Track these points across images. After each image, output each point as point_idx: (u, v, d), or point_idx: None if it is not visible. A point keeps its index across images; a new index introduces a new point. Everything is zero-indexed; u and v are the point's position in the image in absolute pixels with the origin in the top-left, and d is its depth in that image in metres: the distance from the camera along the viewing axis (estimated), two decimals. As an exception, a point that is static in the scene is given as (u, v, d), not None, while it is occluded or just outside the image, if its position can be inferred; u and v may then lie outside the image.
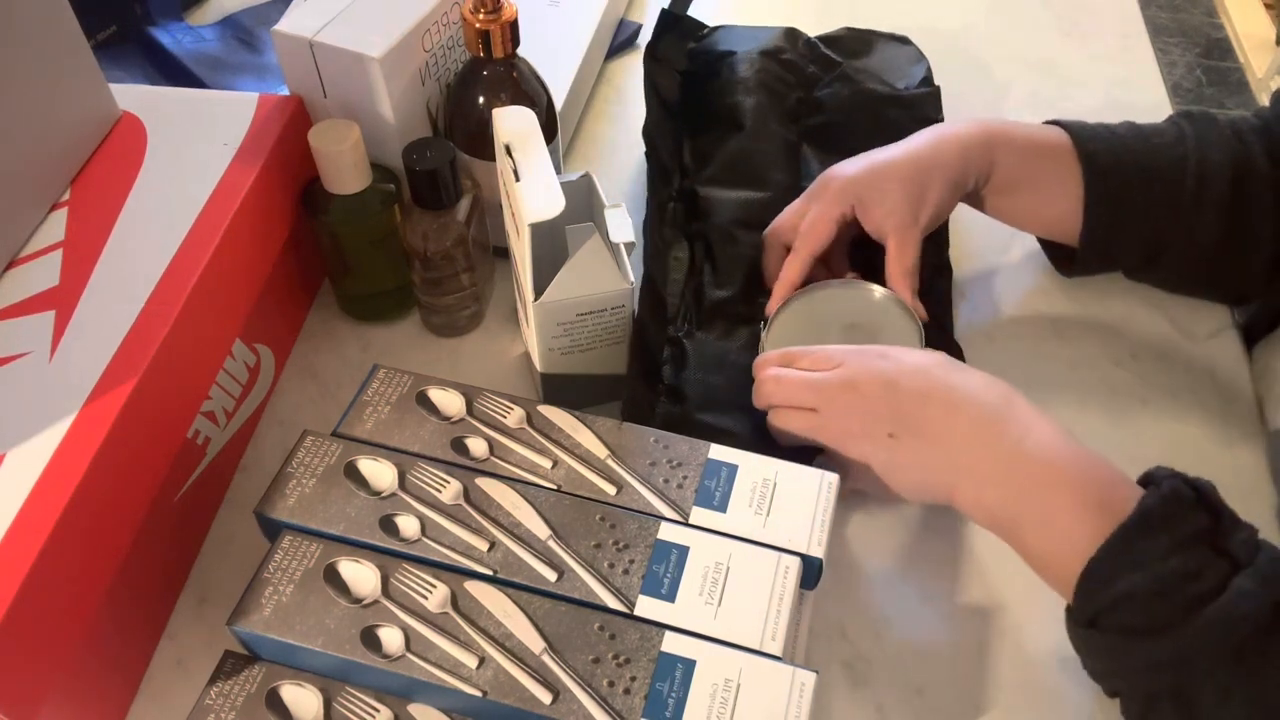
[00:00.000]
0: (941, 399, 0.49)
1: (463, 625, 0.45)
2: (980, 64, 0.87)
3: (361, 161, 0.58)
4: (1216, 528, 0.42)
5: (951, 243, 0.68)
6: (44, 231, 0.53)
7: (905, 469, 0.50)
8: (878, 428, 0.50)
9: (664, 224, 0.67)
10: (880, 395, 0.50)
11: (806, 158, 0.72)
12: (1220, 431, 0.61)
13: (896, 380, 0.50)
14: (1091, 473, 0.45)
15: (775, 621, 0.44)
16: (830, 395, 0.52)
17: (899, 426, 0.50)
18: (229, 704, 0.44)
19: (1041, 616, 0.53)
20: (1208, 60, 2.37)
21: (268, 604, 0.45)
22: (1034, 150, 0.60)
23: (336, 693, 0.44)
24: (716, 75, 0.74)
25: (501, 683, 0.43)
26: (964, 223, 0.71)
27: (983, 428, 0.48)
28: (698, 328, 0.63)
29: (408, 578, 0.46)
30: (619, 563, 0.46)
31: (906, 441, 0.49)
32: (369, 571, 0.46)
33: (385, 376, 0.54)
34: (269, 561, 0.46)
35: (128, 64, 0.82)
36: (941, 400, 0.49)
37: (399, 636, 0.44)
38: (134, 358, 0.47)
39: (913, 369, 0.50)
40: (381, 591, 0.45)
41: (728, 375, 0.60)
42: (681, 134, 0.73)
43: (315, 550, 0.47)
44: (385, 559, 0.46)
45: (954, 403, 0.49)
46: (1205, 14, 2.54)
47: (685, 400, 0.59)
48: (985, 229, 0.66)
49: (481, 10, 0.57)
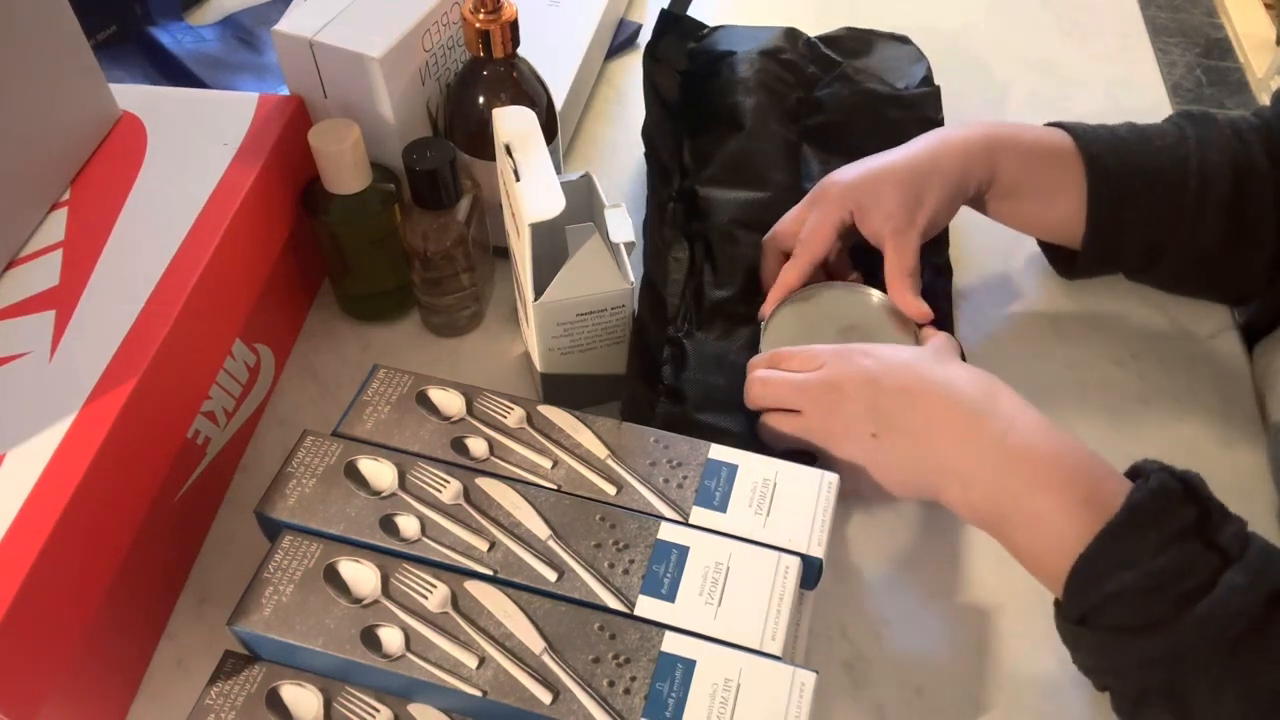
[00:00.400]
0: (923, 394, 0.49)
1: (463, 625, 0.45)
2: (980, 64, 0.87)
3: (361, 161, 0.58)
4: (1205, 521, 0.42)
5: (952, 243, 0.68)
6: (44, 231, 0.53)
7: (890, 468, 0.50)
8: (859, 427, 0.50)
9: (664, 224, 0.67)
10: (861, 394, 0.50)
11: (807, 158, 0.72)
12: (1220, 431, 0.61)
13: (878, 378, 0.50)
14: (1078, 467, 0.45)
15: (775, 621, 0.44)
16: (813, 396, 0.52)
17: (881, 425, 0.49)
18: (229, 704, 0.44)
19: (1041, 616, 0.53)
20: (1208, 60, 2.37)
21: (268, 604, 0.45)
22: (1037, 154, 0.60)
23: (336, 693, 0.44)
24: (716, 75, 0.74)
25: (501, 682, 0.43)
26: (964, 224, 0.71)
27: (965, 424, 0.47)
28: (697, 328, 0.63)
29: (408, 578, 0.46)
30: (619, 563, 0.46)
31: (889, 440, 0.49)
32: (369, 571, 0.46)
33: (385, 376, 0.54)
34: (269, 561, 0.46)
35: (128, 64, 0.82)
36: (923, 396, 0.49)
37: (399, 636, 0.44)
38: (134, 358, 0.47)
39: (895, 365, 0.50)
40: (381, 591, 0.45)
41: (727, 375, 0.60)
42: (681, 134, 0.73)
43: (315, 550, 0.47)
44: (385, 559, 0.46)
45: (936, 398, 0.48)
46: (1205, 14, 2.54)
47: (685, 400, 0.59)
48: (986, 230, 0.66)
49: (481, 10, 0.57)
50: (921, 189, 0.58)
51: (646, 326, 0.60)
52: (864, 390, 0.50)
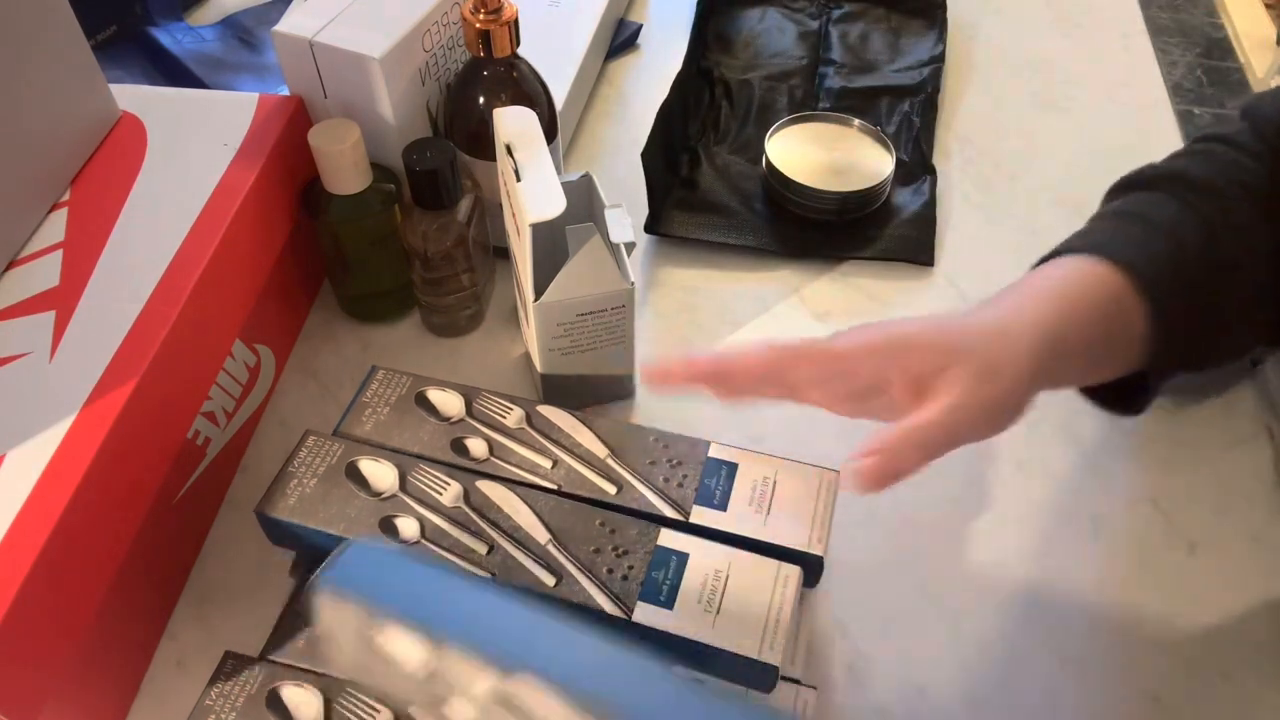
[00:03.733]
0: None
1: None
2: (980, 64, 0.87)
3: (361, 161, 0.58)
4: None
5: (953, 250, 0.68)
6: (44, 231, 0.53)
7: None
8: None
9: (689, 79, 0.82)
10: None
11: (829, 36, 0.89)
12: (1220, 432, 0.61)
13: None
14: None
15: (774, 631, 0.44)
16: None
17: None
18: (229, 704, 0.44)
19: (1042, 616, 0.53)
20: (1208, 60, 2.37)
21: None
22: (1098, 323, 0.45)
23: (336, 693, 0.44)
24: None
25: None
26: (964, 225, 0.71)
27: None
28: (712, 144, 0.79)
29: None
30: (618, 568, 0.46)
31: None
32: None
33: (384, 378, 0.54)
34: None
35: (128, 64, 0.82)
36: None
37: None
38: (134, 358, 0.47)
39: None
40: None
41: (732, 178, 0.76)
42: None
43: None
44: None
45: None
46: (1205, 14, 2.54)
47: (697, 187, 0.75)
48: (986, 230, 0.66)
49: (482, 10, 0.57)
50: None
51: (673, 133, 0.75)
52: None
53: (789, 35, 0.89)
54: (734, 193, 0.75)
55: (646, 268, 0.71)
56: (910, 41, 0.88)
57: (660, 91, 0.76)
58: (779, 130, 0.76)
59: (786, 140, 0.76)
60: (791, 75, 0.85)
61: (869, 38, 0.88)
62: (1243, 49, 2.31)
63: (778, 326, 0.67)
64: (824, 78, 0.85)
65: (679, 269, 0.71)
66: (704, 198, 0.74)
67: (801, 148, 0.75)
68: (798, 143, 0.76)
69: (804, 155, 0.74)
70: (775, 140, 0.75)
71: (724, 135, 0.80)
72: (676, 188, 0.75)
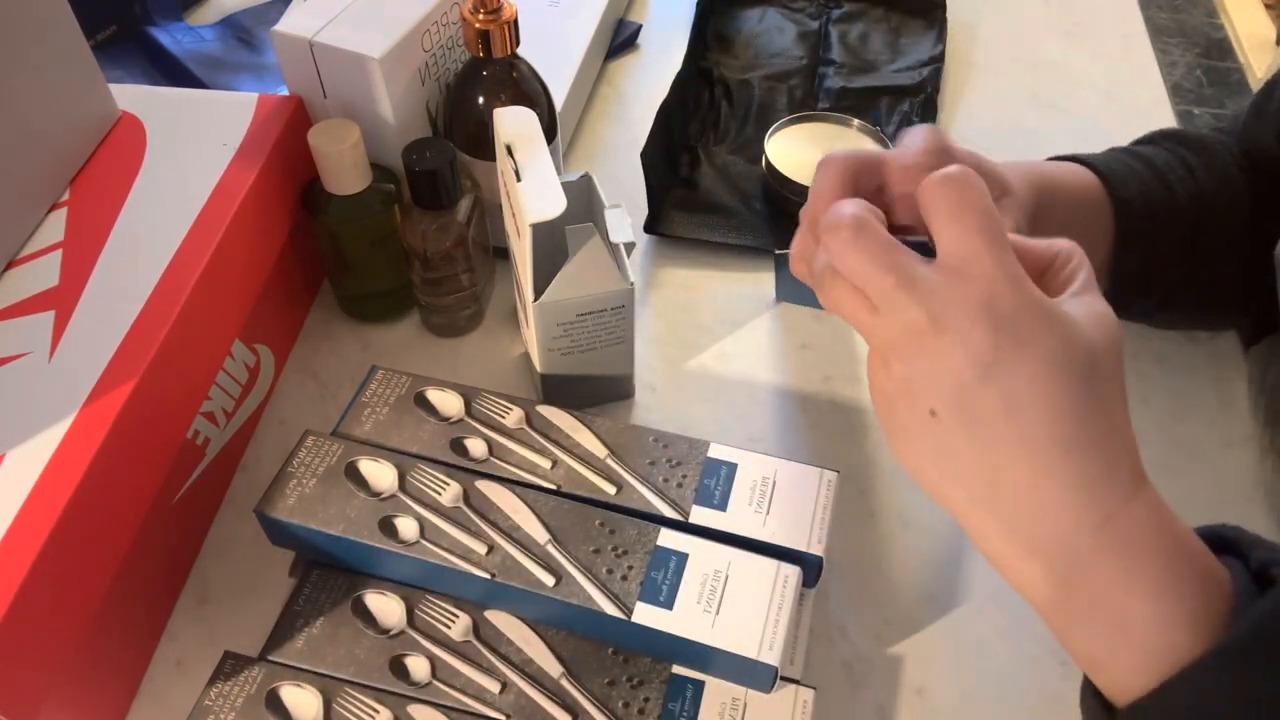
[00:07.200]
0: (1045, 405, 0.35)
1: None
2: (980, 64, 0.87)
3: (361, 161, 0.58)
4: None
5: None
6: (44, 231, 0.53)
7: (927, 455, 0.38)
8: (923, 400, 0.37)
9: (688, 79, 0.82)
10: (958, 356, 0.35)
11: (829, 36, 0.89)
12: (1220, 431, 0.61)
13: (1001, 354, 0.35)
14: (1190, 569, 0.36)
15: (774, 631, 0.44)
16: (897, 309, 0.36)
17: (952, 403, 0.36)
18: (229, 704, 0.44)
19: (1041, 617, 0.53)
20: (1208, 60, 2.37)
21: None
22: (1077, 200, 0.54)
23: (336, 693, 0.44)
24: None
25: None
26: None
27: (1073, 476, 0.36)
28: (712, 143, 0.80)
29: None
30: (617, 568, 0.46)
31: (951, 422, 0.36)
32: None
33: (383, 378, 0.54)
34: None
35: (128, 64, 0.82)
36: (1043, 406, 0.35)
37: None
38: (134, 358, 0.47)
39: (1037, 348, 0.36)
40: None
41: (729, 176, 0.76)
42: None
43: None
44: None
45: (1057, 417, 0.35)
46: (1205, 14, 2.54)
47: (697, 187, 0.75)
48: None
49: (481, 10, 0.57)
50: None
51: (672, 133, 0.76)
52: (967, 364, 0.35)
53: (789, 35, 0.89)
54: (734, 193, 0.75)
55: (646, 268, 0.71)
56: (910, 41, 0.88)
57: (660, 91, 0.76)
58: (779, 130, 0.76)
59: (786, 140, 0.76)
60: (791, 75, 0.85)
61: (869, 38, 0.89)
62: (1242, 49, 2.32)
63: (778, 326, 0.67)
64: (824, 78, 0.85)
65: (679, 269, 0.71)
66: (704, 198, 0.74)
67: (801, 148, 0.75)
68: (797, 143, 0.75)
69: (804, 155, 0.74)
70: (775, 140, 0.75)
71: (724, 135, 0.80)
72: (676, 188, 0.75)
